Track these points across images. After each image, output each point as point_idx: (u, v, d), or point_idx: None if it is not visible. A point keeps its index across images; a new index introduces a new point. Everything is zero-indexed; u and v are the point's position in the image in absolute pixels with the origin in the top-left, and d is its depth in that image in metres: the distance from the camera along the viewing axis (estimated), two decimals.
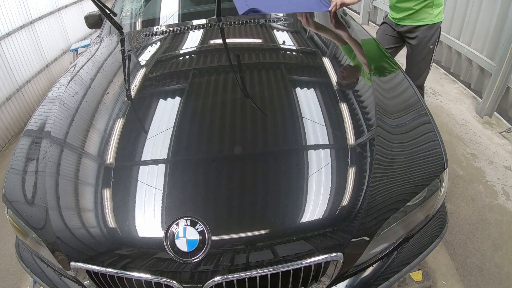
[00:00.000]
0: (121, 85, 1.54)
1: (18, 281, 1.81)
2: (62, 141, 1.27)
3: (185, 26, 1.92)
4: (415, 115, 1.25)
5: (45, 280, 1.15)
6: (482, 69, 2.94)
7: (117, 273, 0.96)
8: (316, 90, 1.38)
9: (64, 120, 1.36)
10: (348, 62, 1.60)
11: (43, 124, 1.37)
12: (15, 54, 3.21)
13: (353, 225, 0.96)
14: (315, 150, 1.12)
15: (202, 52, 1.72)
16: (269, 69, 1.55)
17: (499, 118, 2.78)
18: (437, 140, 1.16)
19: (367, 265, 1.07)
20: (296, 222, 0.96)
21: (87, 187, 1.10)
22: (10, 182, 1.18)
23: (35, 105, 3.44)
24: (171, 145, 1.16)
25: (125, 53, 1.84)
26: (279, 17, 1.99)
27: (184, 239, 0.93)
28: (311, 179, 1.03)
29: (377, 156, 1.07)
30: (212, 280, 0.93)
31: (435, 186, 1.08)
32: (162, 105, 1.37)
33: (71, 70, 1.77)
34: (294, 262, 0.94)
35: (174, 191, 1.04)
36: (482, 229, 1.85)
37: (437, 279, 1.63)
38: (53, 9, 4.01)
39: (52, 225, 1.02)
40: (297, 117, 1.23)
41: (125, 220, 0.99)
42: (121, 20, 2.11)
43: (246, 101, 1.33)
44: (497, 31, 2.72)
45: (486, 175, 2.20)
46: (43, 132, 1.33)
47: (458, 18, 3.26)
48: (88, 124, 1.33)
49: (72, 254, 0.99)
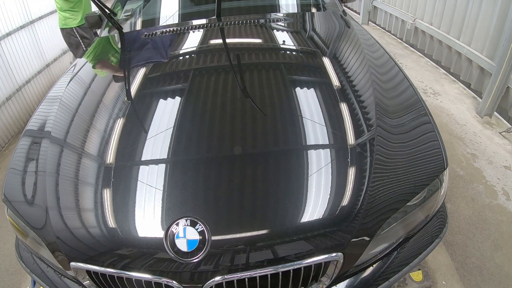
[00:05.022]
0: (121, 85, 1.54)
1: (18, 281, 1.81)
2: (62, 141, 1.27)
3: (185, 26, 1.92)
4: (415, 115, 1.25)
5: (45, 280, 1.15)
6: (482, 69, 2.94)
7: (117, 273, 0.96)
8: (316, 90, 1.38)
9: (64, 120, 1.36)
10: (348, 62, 1.60)
11: (43, 124, 1.37)
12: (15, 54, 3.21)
13: (353, 225, 0.96)
14: (315, 150, 1.12)
15: (202, 52, 1.72)
16: (269, 69, 1.55)
17: (499, 118, 2.78)
18: (437, 140, 1.16)
19: (367, 265, 1.07)
20: (296, 222, 0.96)
21: (87, 187, 1.10)
22: (10, 182, 1.18)
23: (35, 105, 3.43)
24: (171, 145, 1.16)
25: (125, 53, 1.84)
26: (279, 17, 1.99)
27: (184, 239, 0.93)
28: (311, 179, 1.03)
29: (377, 156, 1.07)
30: (212, 280, 0.93)
31: (435, 186, 1.08)
32: (162, 105, 1.37)
33: (71, 70, 1.78)
34: (294, 262, 0.94)
35: (174, 191, 1.04)
36: (482, 229, 1.85)
37: (437, 279, 1.63)
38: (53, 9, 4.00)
39: (52, 225, 1.02)
40: (297, 117, 1.23)
41: (125, 220, 0.99)
42: (121, 20, 2.11)
43: (246, 101, 1.33)
44: (497, 31, 2.72)
45: (486, 175, 2.20)
46: (43, 132, 1.33)
47: (458, 18, 3.26)
48: (88, 124, 1.33)
49: (72, 254, 0.99)
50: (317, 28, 1.94)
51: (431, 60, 3.95)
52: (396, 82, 1.44)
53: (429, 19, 3.86)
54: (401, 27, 4.62)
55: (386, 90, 1.37)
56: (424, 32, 3.96)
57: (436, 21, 3.70)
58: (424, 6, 3.93)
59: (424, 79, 3.50)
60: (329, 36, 1.84)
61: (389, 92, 1.36)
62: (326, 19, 2.02)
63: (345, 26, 1.92)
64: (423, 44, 4.06)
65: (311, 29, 1.93)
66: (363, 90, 1.34)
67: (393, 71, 1.52)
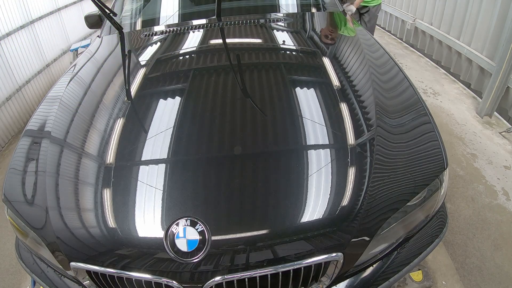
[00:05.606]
0: (121, 85, 1.54)
1: (18, 281, 1.81)
2: (62, 141, 1.27)
3: (185, 26, 1.92)
4: (415, 115, 1.25)
5: (45, 280, 1.15)
6: (482, 69, 2.94)
7: (117, 273, 0.96)
8: (316, 90, 1.38)
9: (64, 120, 1.36)
10: (348, 62, 1.60)
11: (43, 124, 1.37)
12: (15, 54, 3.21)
13: (353, 225, 0.96)
14: (315, 150, 1.12)
15: (202, 52, 1.72)
16: (269, 69, 1.55)
17: (499, 118, 2.78)
18: (437, 140, 1.16)
19: (367, 265, 1.07)
20: (296, 222, 0.96)
21: (87, 187, 1.10)
22: (10, 182, 1.18)
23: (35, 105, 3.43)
24: (171, 145, 1.16)
25: (125, 53, 1.84)
26: (279, 17, 1.99)
27: (184, 239, 0.93)
28: (311, 179, 1.03)
29: (377, 156, 1.07)
30: (212, 280, 0.93)
31: (435, 186, 1.08)
32: (162, 105, 1.37)
33: (71, 70, 1.77)
34: (294, 262, 0.94)
35: (174, 191, 1.04)
36: (482, 229, 1.85)
37: (437, 279, 1.63)
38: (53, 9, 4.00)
39: (52, 225, 1.02)
40: (297, 117, 1.23)
41: (125, 220, 0.99)
42: (121, 20, 2.11)
43: (246, 101, 1.33)
44: (497, 31, 2.72)
45: (486, 175, 2.20)
46: (43, 132, 1.33)
47: (458, 18, 3.26)
48: (88, 124, 1.33)
49: (72, 254, 0.99)
50: (317, 28, 1.94)
51: (431, 60, 3.95)
52: (396, 82, 1.44)
53: (429, 19, 3.87)
54: (401, 27, 4.62)
55: (386, 90, 1.37)
56: (424, 32, 3.96)
57: (436, 21, 3.70)
58: (424, 6, 3.93)
59: (424, 79, 3.50)
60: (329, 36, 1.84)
61: (389, 92, 1.36)
62: (326, 19, 2.02)
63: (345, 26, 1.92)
64: (423, 44, 4.06)
65: (311, 29, 1.93)
66: (363, 90, 1.34)
67: (393, 71, 1.52)
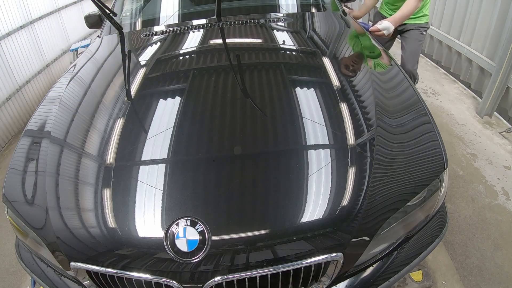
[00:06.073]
0: (121, 85, 1.54)
1: (18, 281, 1.81)
2: (62, 141, 1.27)
3: (185, 26, 1.92)
4: (415, 115, 1.25)
5: (45, 280, 1.15)
6: (482, 69, 2.94)
7: (117, 273, 0.96)
8: (316, 90, 1.38)
9: (64, 120, 1.36)
10: (348, 62, 1.59)
11: (43, 124, 1.37)
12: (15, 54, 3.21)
13: (353, 225, 0.96)
14: (315, 150, 1.12)
15: (202, 52, 1.72)
16: (269, 69, 1.55)
17: (499, 118, 2.78)
18: (437, 140, 1.16)
19: (367, 265, 1.07)
20: (296, 222, 0.96)
21: (87, 187, 1.10)
22: (10, 182, 1.18)
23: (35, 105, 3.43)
24: (171, 145, 1.16)
25: (125, 53, 1.84)
26: (279, 17, 1.99)
27: (184, 239, 0.93)
28: (311, 179, 1.03)
29: (377, 156, 1.07)
30: (212, 280, 0.93)
31: (435, 186, 1.08)
32: (162, 105, 1.37)
33: (71, 70, 1.77)
34: (294, 262, 0.94)
35: (174, 191, 1.04)
36: (482, 229, 1.85)
37: (437, 279, 1.63)
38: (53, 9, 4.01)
39: (52, 225, 1.02)
40: (297, 117, 1.23)
41: (125, 220, 0.99)
42: (121, 20, 2.11)
43: (246, 101, 1.33)
44: (497, 31, 2.72)
45: (486, 175, 2.20)
46: (43, 132, 1.33)
47: (458, 18, 3.26)
48: (88, 124, 1.33)
49: (72, 254, 0.99)
50: (317, 28, 1.94)
51: (431, 60, 3.95)
52: (396, 82, 1.44)
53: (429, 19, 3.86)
54: None
55: (386, 90, 1.37)
56: None
57: (436, 21, 3.70)
58: None
59: (424, 79, 3.50)
60: (329, 36, 1.85)
61: (389, 92, 1.36)
62: (326, 19, 2.02)
63: (345, 26, 1.92)
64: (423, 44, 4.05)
65: (311, 29, 1.93)
66: (363, 90, 1.34)
67: (393, 71, 1.52)
